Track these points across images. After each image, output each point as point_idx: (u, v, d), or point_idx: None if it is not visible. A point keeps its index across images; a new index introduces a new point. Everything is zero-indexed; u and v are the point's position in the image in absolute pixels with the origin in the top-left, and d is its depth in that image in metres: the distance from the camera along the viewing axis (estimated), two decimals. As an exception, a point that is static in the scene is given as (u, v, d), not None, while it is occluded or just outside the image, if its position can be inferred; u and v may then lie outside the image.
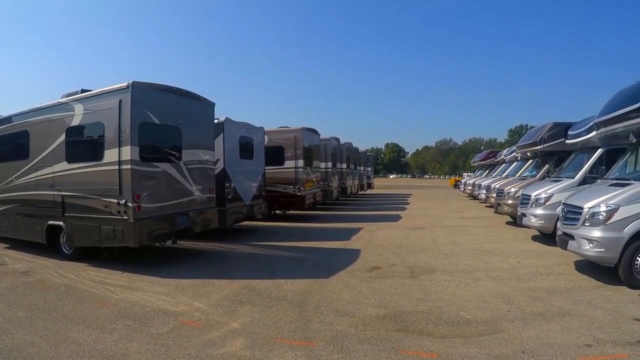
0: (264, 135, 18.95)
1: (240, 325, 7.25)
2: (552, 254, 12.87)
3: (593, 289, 9.45)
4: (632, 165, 11.75)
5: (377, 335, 6.81)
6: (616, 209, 9.46)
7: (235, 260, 12.73)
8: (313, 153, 23.36)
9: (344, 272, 10.90)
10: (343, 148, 32.60)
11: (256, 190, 17.78)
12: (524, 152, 22.86)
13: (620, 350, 6.27)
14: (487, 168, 41.27)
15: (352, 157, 36.97)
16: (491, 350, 6.23)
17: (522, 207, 16.03)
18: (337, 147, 30.71)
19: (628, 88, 11.29)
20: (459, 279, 10.26)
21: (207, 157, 13.41)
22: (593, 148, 15.25)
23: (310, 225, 20.64)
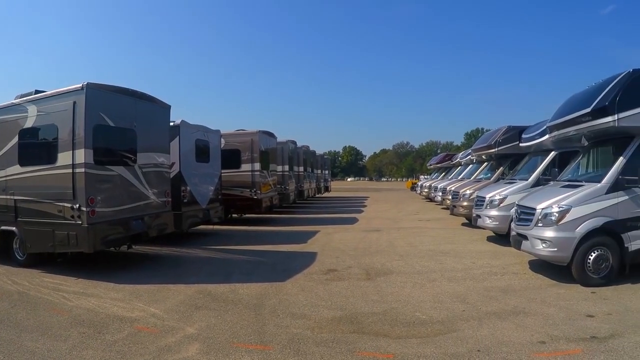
0: (220, 138, 18.84)
1: (196, 330, 7.18)
2: (507, 254, 13.13)
3: (547, 288, 9.70)
4: (584, 167, 12.07)
5: (333, 337, 6.83)
6: (568, 210, 9.75)
7: (192, 264, 12.59)
8: (270, 156, 23.30)
9: (301, 275, 10.91)
10: (300, 151, 32.62)
11: (212, 194, 17.62)
12: (479, 155, 23.25)
13: (574, 346, 6.43)
14: (444, 171, 41.84)
15: (309, 160, 37.01)
16: (447, 350, 6.30)
17: (477, 208, 16.30)
18: (294, 150, 30.71)
19: (580, 93, 11.60)
20: (414, 280, 10.37)
21: (163, 160, 13.21)
22: (546, 151, 15.63)
23: (267, 229, 20.59)
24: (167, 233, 13.63)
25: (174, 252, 14.24)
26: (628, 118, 9.63)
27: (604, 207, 9.73)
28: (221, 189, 18.65)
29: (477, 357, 6.07)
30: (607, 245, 9.73)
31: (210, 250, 14.65)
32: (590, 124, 10.39)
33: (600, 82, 10.66)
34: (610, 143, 11.22)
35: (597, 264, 9.66)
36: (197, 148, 16.62)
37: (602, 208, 9.73)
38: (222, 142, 19.35)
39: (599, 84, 10.69)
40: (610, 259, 9.71)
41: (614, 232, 9.77)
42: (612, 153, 10.88)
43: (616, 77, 10.08)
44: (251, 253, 14.13)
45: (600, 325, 7.25)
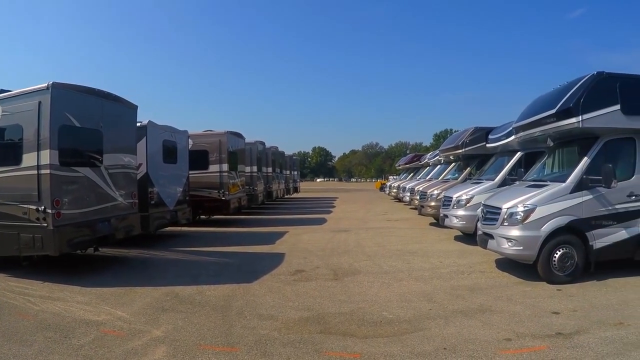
0: (187, 139, 18.60)
1: (163, 333, 7.08)
2: (474, 253, 13.25)
3: (513, 286, 9.84)
4: (549, 168, 12.26)
5: (300, 338, 6.80)
6: (533, 209, 9.91)
7: (159, 266, 12.45)
8: (238, 157, 23.21)
9: (268, 276, 10.86)
10: (269, 152, 32.57)
11: (180, 195, 17.40)
12: (447, 155, 23.43)
13: (539, 342, 6.52)
14: (412, 171, 42.08)
15: (278, 161, 36.98)
16: (413, 348, 6.32)
17: (444, 208, 16.47)
18: (263, 151, 30.63)
19: (546, 94, 11.79)
20: (382, 280, 10.40)
21: (130, 161, 13.00)
22: (513, 151, 15.87)
23: (235, 230, 20.43)
24: (134, 235, 13.43)
25: (141, 255, 14.04)
26: (592, 119, 9.83)
27: (568, 206, 9.93)
28: (189, 190, 18.44)
29: (443, 355, 6.10)
30: (572, 244, 9.92)
31: (178, 252, 14.48)
32: (555, 124, 10.57)
33: (566, 84, 10.85)
34: (575, 143, 11.42)
35: (563, 262, 9.84)
36: (165, 149, 16.41)
37: (566, 207, 9.92)
38: (190, 143, 19.10)
39: (564, 85, 10.87)
40: (575, 257, 9.90)
41: (579, 230, 9.98)
42: (576, 153, 11.07)
43: (581, 80, 10.27)
44: (219, 254, 14.04)
45: (566, 322, 7.37)
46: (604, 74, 10.12)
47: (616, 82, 10.06)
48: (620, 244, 10.15)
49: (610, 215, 10.11)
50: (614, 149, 10.46)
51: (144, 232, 14.46)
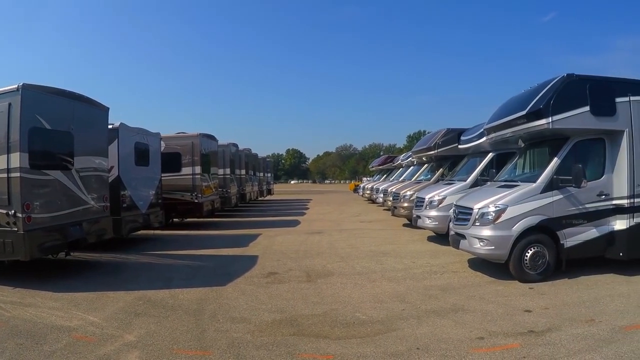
0: (160, 141, 18.45)
1: (136, 338, 6.98)
2: (447, 253, 13.34)
3: (485, 285, 9.95)
4: (520, 168, 12.44)
5: (273, 340, 6.77)
6: (504, 209, 10.03)
7: (131, 270, 12.27)
8: (211, 159, 23.07)
9: (241, 279, 10.79)
10: (242, 154, 32.37)
11: (153, 198, 17.23)
12: (420, 156, 23.60)
13: (512, 340, 6.59)
14: (385, 172, 42.24)
15: (251, 163, 36.75)
16: (386, 349, 6.33)
17: (417, 209, 16.57)
18: (236, 153, 30.43)
19: (516, 96, 11.94)
20: (355, 281, 10.41)
21: (101, 164, 12.79)
22: (484, 152, 16.02)
23: (209, 233, 20.29)
24: (106, 239, 13.23)
25: (113, 259, 13.83)
26: (562, 120, 9.98)
27: (539, 206, 10.06)
28: (162, 193, 18.28)
29: (416, 355, 6.12)
30: (543, 243, 10.07)
31: (151, 256, 14.32)
32: (526, 126, 10.72)
33: (536, 85, 10.99)
34: (545, 144, 11.59)
35: (534, 261, 9.98)
36: (137, 151, 16.20)
37: (537, 207, 10.06)
38: (162, 145, 18.95)
39: (534, 87, 11.02)
40: (546, 256, 10.05)
41: (550, 229, 10.13)
42: (547, 154, 11.24)
43: (551, 81, 10.43)
44: (192, 258, 13.93)
45: (538, 320, 7.46)
46: (574, 76, 10.28)
47: (586, 83, 10.23)
48: (591, 243, 10.33)
49: (581, 215, 10.27)
50: (583, 149, 10.63)
51: (116, 235, 14.24)
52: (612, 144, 10.56)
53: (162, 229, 19.04)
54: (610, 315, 7.64)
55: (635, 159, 10.31)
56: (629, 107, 10.36)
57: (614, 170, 10.48)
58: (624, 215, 10.35)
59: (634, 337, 6.67)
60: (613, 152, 10.52)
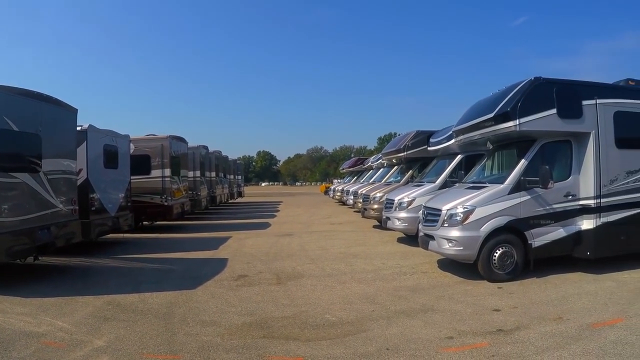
0: (129, 143, 18.15)
1: (105, 343, 6.85)
2: (416, 254, 13.41)
3: (455, 285, 10.03)
4: (488, 170, 12.57)
5: (243, 343, 6.72)
6: (472, 210, 10.12)
7: (101, 275, 12.07)
8: (181, 162, 22.81)
9: (211, 282, 10.71)
10: (212, 156, 32.17)
11: (122, 201, 16.93)
12: (389, 158, 23.68)
13: (480, 339, 6.64)
14: (356, 174, 42.33)
15: (222, 165, 36.55)
16: (356, 350, 6.33)
17: (386, 211, 16.64)
18: (206, 155, 30.23)
19: (484, 99, 12.08)
20: (325, 283, 10.43)
21: (70, 167, 12.54)
22: (453, 154, 16.14)
23: (179, 236, 20.17)
24: (75, 243, 12.98)
25: (82, 263, 13.59)
26: (529, 123, 10.14)
27: (507, 207, 10.20)
28: (131, 195, 18.03)
29: (386, 356, 6.13)
30: (511, 243, 10.21)
31: (120, 260, 14.12)
32: (494, 128, 10.86)
33: (504, 88, 11.14)
34: (513, 146, 11.72)
35: (503, 261, 10.11)
36: (106, 153, 15.90)
37: (505, 208, 10.19)
38: (132, 148, 18.62)
39: (502, 90, 11.18)
40: (515, 256, 10.19)
41: (518, 230, 10.28)
42: (515, 156, 11.35)
43: (518, 84, 10.59)
44: (162, 261, 13.79)
45: (507, 319, 7.54)
46: (541, 79, 10.45)
47: (553, 87, 10.41)
48: (558, 242, 10.52)
49: (548, 215, 10.43)
50: (551, 151, 10.80)
51: (85, 239, 13.99)
52: (578, 145, 10.75)
53: (131, 232, 18.76)
54: (578, 313, 7.76)
55: (602, 160, 10.52)
56: (595, 110, 10.58)
57: (580, 172, 10.68)
58: (590, 215, 10.55)
59: (601, 334, 6.78)
60: (580, 153, 10.72)
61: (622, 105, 10.99)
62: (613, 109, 10.82)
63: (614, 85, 12.00)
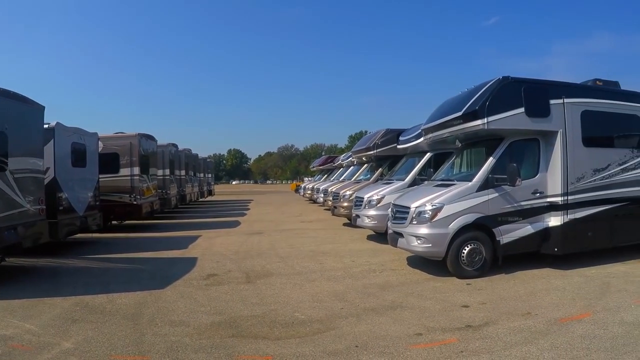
0: (97, 141, 17.76)
1: (73, 345, 6.72)
2: (386, 251, 13.43)
3: (424, 282, 10.09)
4: (457, 167, 12.69)
5: (212, 343, 6.66)
6: (441, 208, 10.19)
7: (69, 275, 11.80)
8: (150, 160, 22.59)
9: (180, 282, 10.60)
10: (182, 154, 31.87)
11: (90, 200, 16.59)
12: (359, 157, 23.79)
13: (449, 335, 6.68)
14: (326, 172, 42.38)
15: (192, 163, 36.25)
16: (325, 348, 6.33)
17: (356, 209, 16.69)
18: (176, 153, 29.90)
19: (453, 97, 12.19)
20: (294, 281, 10.41)
21: (37, 165, 12.26)
22: (423, 152, 16.23)
23: (148, 235, 19.89)
24: (43, 243, 12.77)
25: (50, 263, 13.33)
26: (497, 121, 10.26)
27: (475, 204, 10.30)
28: (99, 194, 17.73)
29: (355, 353, 6.13)
30: (479, 240, 10.31)
31: (89, 260, 13.87)
32: (462, 126, 10.96)
33: (472, 87, 11.23)
34: (481, 144, 11.88)
35: (471, 257, 10.20)
36: (74, 152, 15.59)
37: (473, 205, 10.29)
38: (100, 146, 18.25)
39: (471, 89, 11.28)
40: (483, 252, 10.30)
41: (486, 227, 10.38)
42: (483, 154, 11.49)
43: (487, 83, 10.70)
44: (130, 261, 13.64)
45: (475, 315, 7.61)
46: (510, 78, 10.58)
47: (521, 86, 10.54)
48: (526, 239, 10.68)
49: (516, 212, 10.57)
50: (518, 149, 10.94)
51: (53, 239, 13.71)
52: (546, 144, 10.90)
53: (100, 232, 18.36)
54: (546, 308, 7.86)
55: (569, 158, 10.70)
56: (563, 109, 10.74)
57: (548, 169, 10.83)
58: (558, 212, 10.72)
59: (569, 328, 6.88)
60: (547, 151, 10.87)
61: (590, 104, 11.20)
62: (580, 108, 11.01)
63: (582, 85, 12.24)
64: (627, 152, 11.60)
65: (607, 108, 11.46)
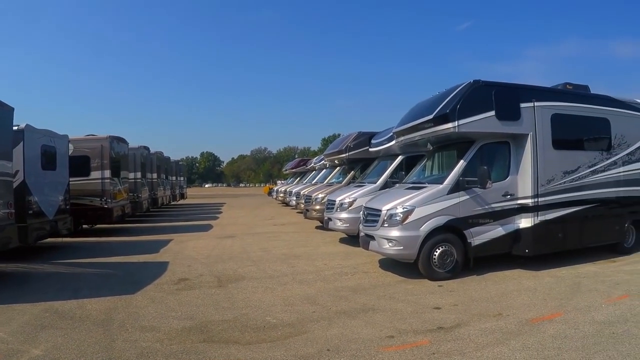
0: (68, 144, 17.51)
1: (42, 352, 6.57)
2: (358, 254, 13.48)
3: (396, 284, 10.10)
4: (428, 170, 12.77)
5: (182, 348, 6.57)
6: (412, 210, 10.25)
7: (38, 281, 11.53)
8: (121, 163, 22.26)
9: (151, 287, 10.46)
10: (153, 157, 31.59)
11: (61, 204, 16.32)
12: (332, 159, 23.86)
13: (421, 337, 6.70)
14: (299, 175, 42.36)
15: (164, 166, 35.96)
16: (297, 352, 6.29)
17: (328, 211, 16.67)
18: (147, 156, 29.71)
19: (424, 101, 12.27)
20: (266, 285, 10.34)
21: (5, 168, 12.06)
22: (394, 155, 16.30)
23: (119, 239, 19.59)
24: (12, 248, 12.57)
25: (19, 269, 13.05)
26: (467, 124, 10.33)
27: (446, 207, 10.37)
28: (70, 198, 17.50)
29: (326, 357, 6.12)
30: (451, 242, 10.38)
31: (59, 265, 13.61)
32: (433, 129, 11.02)
33: (444, 91, 11.31)
34: (452, 147, 11.99)
35: (443, 259, 10.26)
36: (44, 155, 15.28)
37: (444, 207, 10.36)
38: (71, 148, 18.04)
39: (442, 92, 11.38)
40: (454, 254, 10.37)
41: (457, 229, 10.46)
42: (454, 156, 11.59)
43: (458, 87, 10.81)
44: (101, 266, 13.39)
45: (447, 316, 7.66)
46: (480, 82, 10.69)
47: (492, 89, 10.66)
48: (497, 240, 10.80)
49: (487, 214, 10.67)
50: (489, 152, 11.06)
51: (22, 244, 13.46)
52: (516, 147, 11.04)
53: (70, 236, 18.14)
54: (517, 309, 7.95)
55: (539, 161, 10.85)
56: (533, 112, 10.91)
57: (518, 172, 10.97)
58: (528, 214, 10.86)
59: (540, 328, 6.96)
60: (518, 154, 11.01)
61: (560, 108, 11.40)
62: (551, 112, 11.18)
63: (552, 89, 12.44)
64: (597, 154, 11.84)
65: (576, 111, 11.67)
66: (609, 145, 12.14)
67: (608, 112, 12.21)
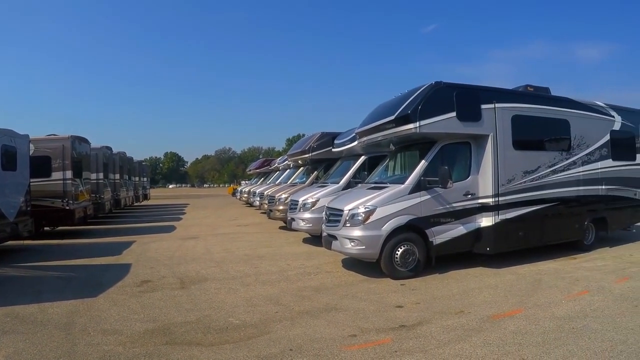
0: (29, 143, 17.05)
1: (3, 357, 6.39)
2: (321, 254, 13.55)
3: (358, 283, 10.17)
4: (391, 170, 12.86)
5: (145, 351, 6.50)
6: (373, 210, 10.32)
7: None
8: (83, 163, 21.79)
9: (113, 289, 10.31)
10: (116, 158, 31.05)
11: (22, 206, 15.87)
12: (295, 160, 23.90)
13: (384, 336, 6.76)
14: (263, 176, 42.30)
15: (126, 167, 35.37)
16: (260, 352, 6.29)
17: (291, 212, 16.69)
18: (110, 156, 29.12)
19: (386, 102, 12.39)
20: (229, 286, 10.31)
21: None
22: (357, 155, 16.38)
23: (81, 241, 19.26)
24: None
25: None
26: (429, 125, 10.47)
27: (408, 206, 10.48)
28: (31, 199, 17.14)
29: (289, 357, 6.13)
30: (412, 241, 10.51)
31: (19, 268, 13.31)
32: (395, 130, 11.12)
33: (406, 92, 11.41)
34: (414, 148, 12.12)
35: (405, 258, 10.39)
36: (4, 155, 14.86)
37: (406, 207, 10.46)
38: (32, 149, 17.68)
39: (404, 93, 11.50)
40: (416, 253, 10.51)
41: (419, 228, 10.58)
42: (416, 157, 11.70)
43: (419, 88, 10.95)
44: (63, 268, 13.14)
45: (409, 315, 7.75)
46: (442, 83, 10.84)
47: (453, 91, 10.83)
48: (459, 239, 10.99)
49: (448, 213, 10.84)
50: (450, 152, 11.23)
51: (-18, 247, 13.39)
52: (477, 147, 11.23)
53: (32, 238, 17.85)
54: (479, 306, 8.11)
55: (500, 161, 11.07)
56: (494, 113, 11.12)
57: (479, 172, 11.16)
58: (489, 213, 11.07)
59: (501, 325, 7.11)
60: (478, 154, 11.20)
61: (520, 109, 11.66)
62: (511, 113, 11.43)
63: (513, 91, 12.69)
64: (557, 154, 12.13)
65: (537, 113, 11.95)
66: (568, 145, 12.46)
67: (568, 114, 12.52)
